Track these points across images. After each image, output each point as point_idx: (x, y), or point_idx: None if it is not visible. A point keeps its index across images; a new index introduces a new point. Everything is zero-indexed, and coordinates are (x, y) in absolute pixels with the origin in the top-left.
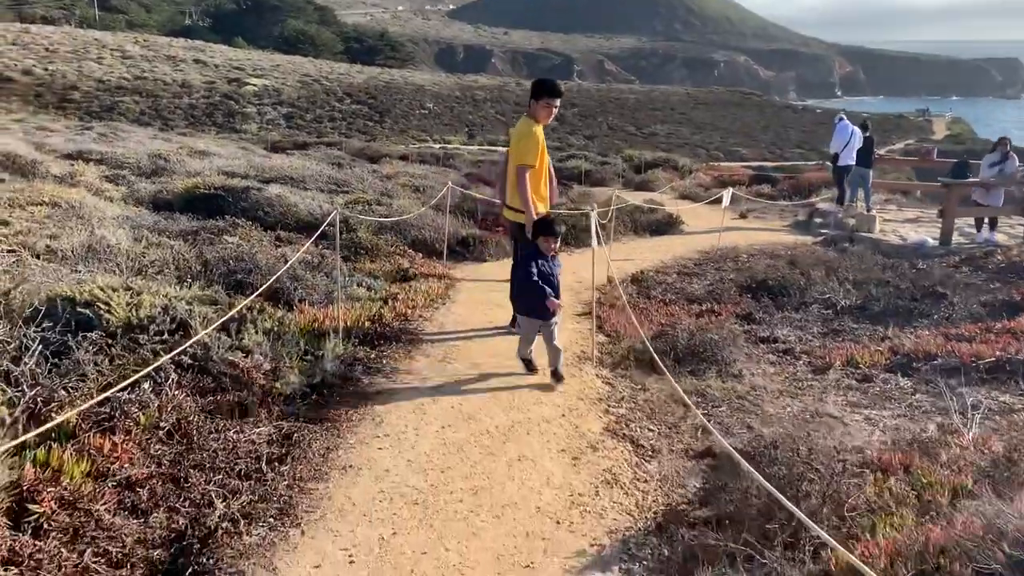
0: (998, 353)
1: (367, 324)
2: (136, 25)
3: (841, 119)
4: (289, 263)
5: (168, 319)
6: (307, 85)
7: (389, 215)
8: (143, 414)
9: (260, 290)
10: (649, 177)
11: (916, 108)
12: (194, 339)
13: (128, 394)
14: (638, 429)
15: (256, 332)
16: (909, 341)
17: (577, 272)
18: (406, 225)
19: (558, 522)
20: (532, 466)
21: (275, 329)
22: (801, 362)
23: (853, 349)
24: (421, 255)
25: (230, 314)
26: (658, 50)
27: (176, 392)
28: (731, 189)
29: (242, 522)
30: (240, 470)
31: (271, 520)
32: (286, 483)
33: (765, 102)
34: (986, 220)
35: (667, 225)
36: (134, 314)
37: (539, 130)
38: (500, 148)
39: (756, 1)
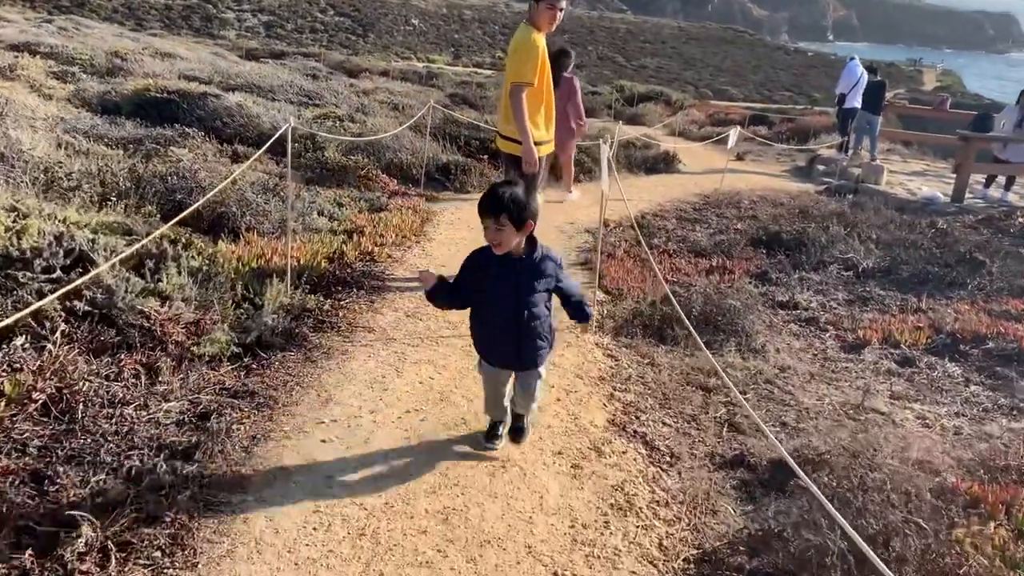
0: None
1: (324, 264)
2: None
3: (853, 58)
4: (228, 179)
5: (62, 251)
6: None
7: (363, 133)
8: (10, 380)
9: (185, 213)
10: (641, 111)
11: (907, 57)
12: (89, 276)
13: None
14: (651, 423)
15: (179, 273)
16: (949, 316)
17: (569, 212)
18: (380, 146)
19: (556, 574)
20: (520, 476)
21: (204, 269)
22: (828, 335)
23: (889, 324)
24: (396, 182)
25: (141, 243)
26: None
27: (64, 350)
28: (738, 128)
29: (115, 557)
30: (131, 468)
31: (157, 555)
32: (188, 493)
33: (757, 41)
34: (1002, 178)
35: (663, 163)
36: (14, 243)
37: (540, 39)
38: (486, 71)
39: None
